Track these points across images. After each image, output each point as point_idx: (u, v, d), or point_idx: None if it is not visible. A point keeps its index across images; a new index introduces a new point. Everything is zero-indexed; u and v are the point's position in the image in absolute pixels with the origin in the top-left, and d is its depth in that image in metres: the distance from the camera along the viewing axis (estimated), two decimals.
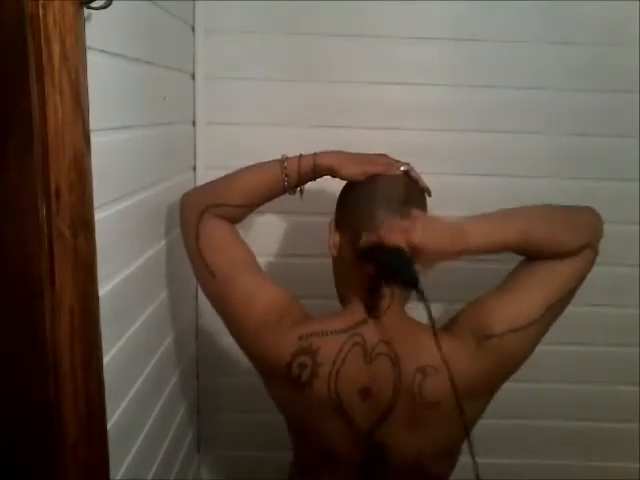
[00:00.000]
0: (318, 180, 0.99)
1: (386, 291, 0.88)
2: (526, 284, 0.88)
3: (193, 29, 1.26)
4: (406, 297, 0.94)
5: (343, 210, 0.94)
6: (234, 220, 0.99)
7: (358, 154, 0.95)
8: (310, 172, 0.95)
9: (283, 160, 0.96)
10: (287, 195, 1.00)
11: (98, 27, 0.70)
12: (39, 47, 0.57)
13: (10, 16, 0.55)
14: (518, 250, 0.88)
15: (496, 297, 0.88)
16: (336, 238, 0.92)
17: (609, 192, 1.29)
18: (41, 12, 0.56)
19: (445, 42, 1.29)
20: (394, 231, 0.84)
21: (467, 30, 1.28)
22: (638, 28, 1.27)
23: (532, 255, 0.89)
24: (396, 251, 0.83)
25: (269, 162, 0.97)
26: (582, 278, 0.90)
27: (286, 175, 0.95)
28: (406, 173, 0.93)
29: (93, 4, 0.64)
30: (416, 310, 0.97)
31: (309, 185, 1.00)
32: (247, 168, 0.99)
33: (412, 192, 0.92)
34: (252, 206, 1.00)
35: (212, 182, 1.01)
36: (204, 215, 0.95)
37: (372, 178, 0.92)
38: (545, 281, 0.87)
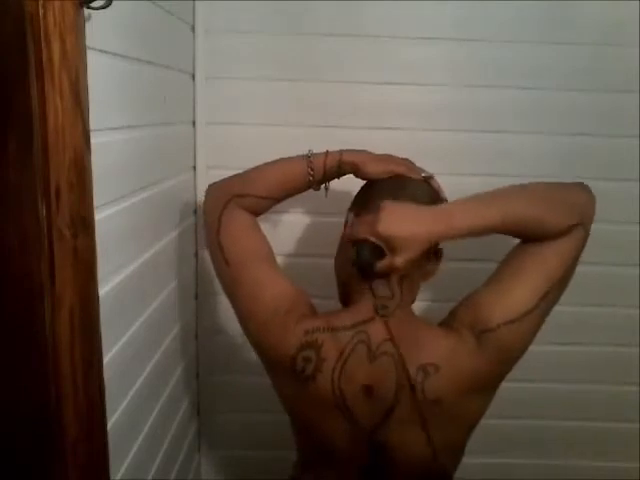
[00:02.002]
0: (332, 181, 0.99)
1: (395, 291, 0.89)
2: (517, 274, 0.87)
3: (193, 29, 1.26)
4: (413, 296, 0.94)
5: (360, 204, 0.95)
6: (257, 212, 1.00)
7: (382, 154, 0.97)
8: (335, 168, 0.96)
9: (309, 155, 0.97)
10: (300, 194, 1.00)
11: (98, 27, 0.70)
12: (39, 47, 0.56)
13: (10, 16, 0.55)
14: (506, 232, 0.87)
15: (489, 290, 0.88)
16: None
17: (609, 192, 1.29)
18: (41, 12, 0.56)
19: (445, 42, 1.29)
20: (361, 224, 0.86)
21: (467, 30, 1.28)
22: (638, 28, 1.27)
23: (521, 237, 0.88)
24: (362, 243, 0.85)
25: (296, 156, 0.98)
26: (574, 260, 0.87)
27: (311, 169, 0.96)
28: (426, 180, 0.94)
29: (93, 4, 0.64)
30: (417, 309, 0.97)
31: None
32: (274, 161, 1.00)
33: (432, 197, 0.92)
34: (276, 199, 1.00)
35: (238, 174, 1.02)
36: (228, 205, 0.97)
37: (395, 177, 0.93)
38: (536, 269, 0.86)
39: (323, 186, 1.00)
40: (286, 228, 1.36)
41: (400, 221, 0.83)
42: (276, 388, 0.96)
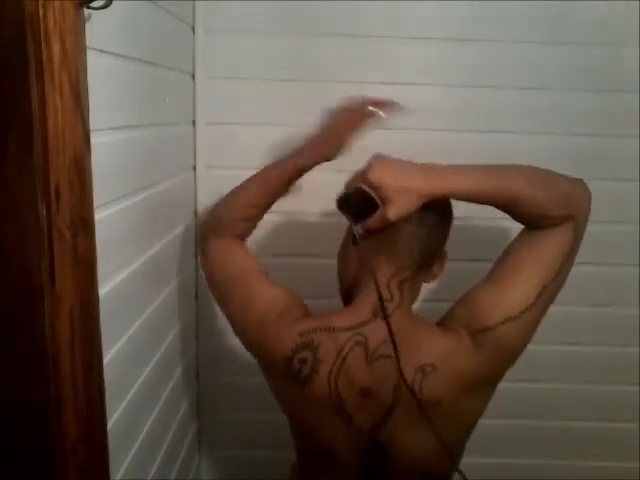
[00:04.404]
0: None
1: (394, 293, 0.88)
2: (513, 271, 0.86)
3: (193, 29, 1.26)
4: (414, 297, 0.94)
5: None
6: (244, 233, 1.03)
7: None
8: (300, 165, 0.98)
9: (276, 162, 0.99)
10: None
11: (98, 27, 0.71)
12: (39, 47, 0.56)
13: (10, 16, 0.55)
14: (497, 203, 0.86)
15: (486, 289, 0.87)
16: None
17: (609, 192, 1.29)
18: (41, 12, 0.56)
19: (445, 42, 1.29)
20: (354, 176, 0.87)
21: (467, 30, 1.28)
22: (638, 28, 1.27)
23: (512, 213, 0.87)
24: (354, 191, 0.85)
25: (264, 169, 1.00)
26: (568, 255, 0.86)
27: (283, 175, 0.98)
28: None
29: (93, 4, 0.64)
30: (417, 308, 0.97)
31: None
32: (246, 180, 1.02)
33: None
34: (258, 217, 1.03)
35: (219, 203, 1.05)
36: (210, 236, 1.02)
37: None
38: (530, 265, 0.85)
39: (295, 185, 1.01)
40: (285, 228, 1.36)
41: (393, 172, 0.82)
42: (274, 391, 0.96)
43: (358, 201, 0.85)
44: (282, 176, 0.99)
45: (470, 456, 0.99)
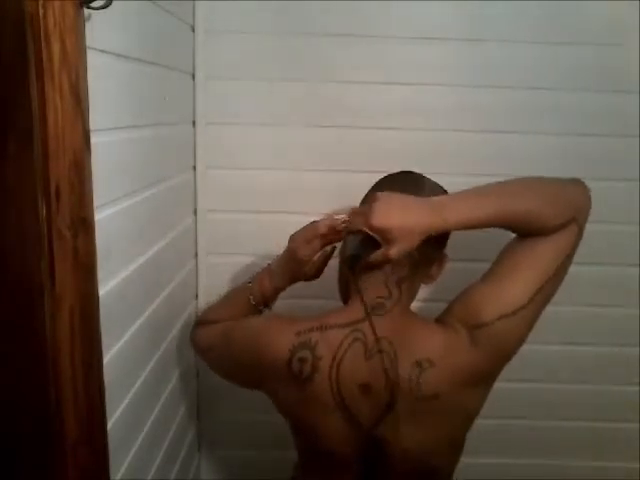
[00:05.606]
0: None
1: (393, 291, 0.89)
2: (512, 269, 0.87)
3: (193, 29, 1.26)
4: (411, 296, 0.94)
5: (364, 200, 0.97)
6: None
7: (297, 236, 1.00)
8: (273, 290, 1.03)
9: (249, 282, 1.05)
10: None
11: (98, 27, 0.71)
12: (39, 47, 0.57)
13: (10, 16, 0.55)
14: (502, 225, 0.87)
15: (484, 285, 0.88)
16: None
17: (609, 192, 1.29)
18: (41, 12, 0.56)
19: (445, 42, 1.29)
20: (357, 216, 0.87)
21: (469, 30, 1.28)
22: (638, 28, 1.27)
23: (517, 231, 0.88)
24: (359, 235, 0.85)
25: (241, 285, 1.07)
26: (568, 256, 0.87)
27: (252, 295, 1.04)
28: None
29: (93, 4, 0.64)
30: (417, 308, 0.97)
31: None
32: (226, 297, 1.10)
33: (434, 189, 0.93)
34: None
35: (205, 312, 1.14)
36: (197, 328, 1.10)
37: (403, 173, 0.96)
38: (530, 264, 0.86)
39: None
40: (285, 228, 1.35)
41: (395, 212, 0.83)
42: (273, 397, 0.96)
43: (359, 240, 0.85)
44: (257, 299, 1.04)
45: (470, 456, 0.99)
